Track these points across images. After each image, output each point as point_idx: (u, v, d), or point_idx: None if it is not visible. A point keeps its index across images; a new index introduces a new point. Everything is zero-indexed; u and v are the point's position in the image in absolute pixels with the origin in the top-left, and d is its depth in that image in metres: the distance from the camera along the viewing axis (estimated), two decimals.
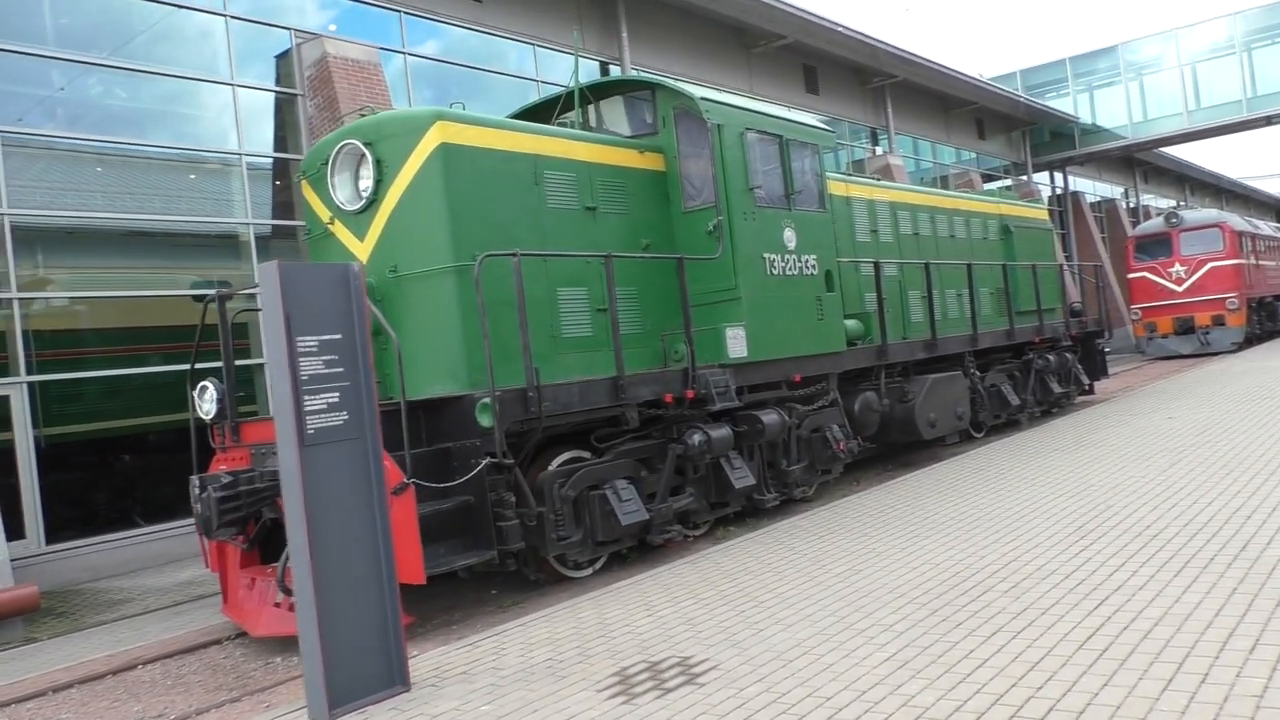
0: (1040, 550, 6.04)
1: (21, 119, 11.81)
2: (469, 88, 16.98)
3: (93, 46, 12.24)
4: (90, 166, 12.55)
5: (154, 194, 13.03)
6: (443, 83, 16.76)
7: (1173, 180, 49.69)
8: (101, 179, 12.77)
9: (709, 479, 8.73)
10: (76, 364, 12.12)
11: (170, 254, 13.50)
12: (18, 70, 11.63)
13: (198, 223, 13.22)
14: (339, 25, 14.97)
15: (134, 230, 12.86)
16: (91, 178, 12.68)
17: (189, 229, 13.22)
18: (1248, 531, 5.85)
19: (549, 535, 7.24)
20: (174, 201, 13.05)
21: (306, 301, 4.63)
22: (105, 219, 12.36)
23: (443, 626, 6.93)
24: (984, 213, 15.09)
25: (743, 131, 9.07)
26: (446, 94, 16.58)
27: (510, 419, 6.81)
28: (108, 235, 12.65)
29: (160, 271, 13.33)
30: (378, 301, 7.52)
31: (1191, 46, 32.70)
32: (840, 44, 24.05)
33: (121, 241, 13.05)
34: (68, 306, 12.34)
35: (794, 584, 5.95)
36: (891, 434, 11.66)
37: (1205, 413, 12.05)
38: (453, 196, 7.30)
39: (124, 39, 12.66)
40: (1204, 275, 26.27)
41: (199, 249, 13.80)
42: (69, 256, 12.56)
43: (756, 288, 9.00)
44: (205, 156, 13.36)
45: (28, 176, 11.68)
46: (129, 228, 12.77)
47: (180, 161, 13.33)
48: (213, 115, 13.54)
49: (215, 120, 13.52)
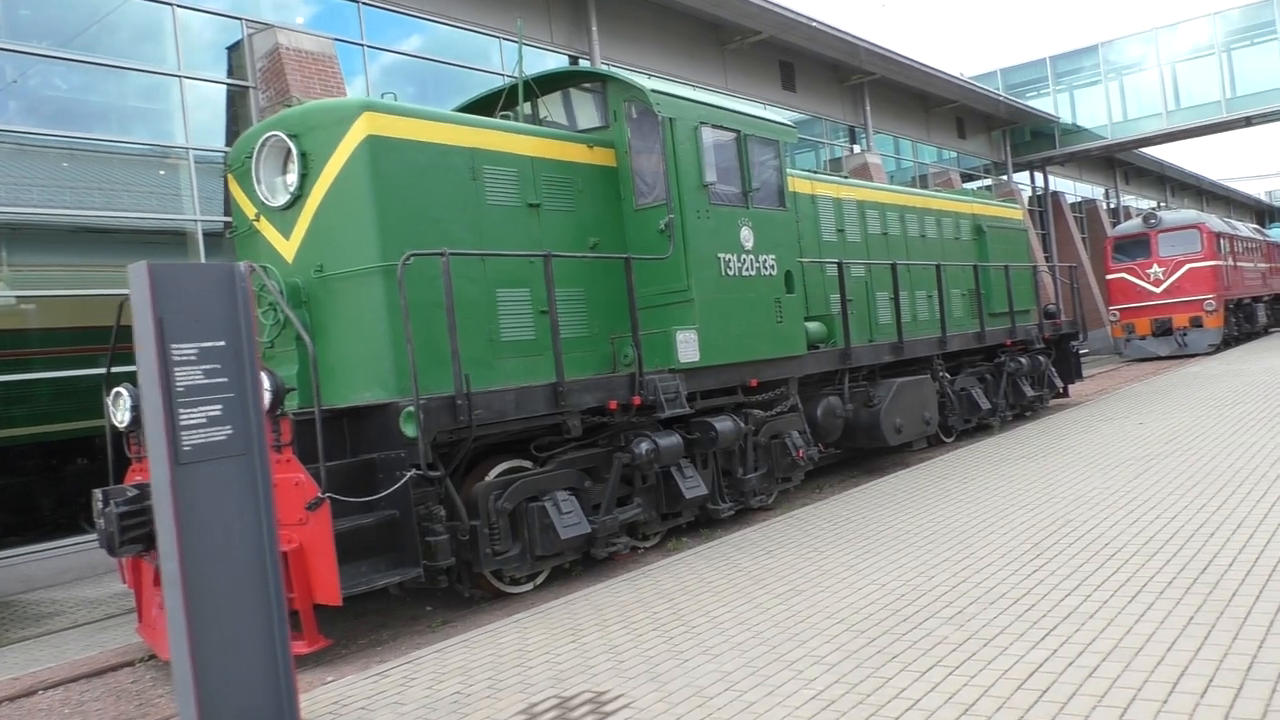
0: (992, 570, 5.69)
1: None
2: (439, 83, 16.59)
3: (35, 37, 11.76)
4: (34, 160, 12.08)
5: (100, 189, 12.57)
6: (412, 78, 16.35)
7: (1154, 181, 49.65)
8: (45, 173, 12.30)
9: (659, 489, 8.36)
10: (21, 365, 11.66)
11: (118, 251, 13.03)
12: None
13: (144, 219, 12.74)
14: (302, 18, 14.55)
15: (81, 227, 12.39)
16: (34, 172, 12.21)
17: (138, 225, 12.75)
18: (1209, 551, 5.52)
19: (483, 550, 6.86)
20: (120, 197, 12.59)
21: (184, 305, 4.22)
22: (49, 215, 11.88)
23: (369, 648, 6.55)
24: (956, 212, 14.77)
25: (697, 126, 8.70)
26: (417, 89, 16.18)
27: (437, 428, 6.42)
28: (53, 232, 12.18)
29: (108, 269, 12.86)
30: (303, 303, 7.15)
31: (1172, 47, 32.54)
32: (818, 40, 23.72)
33: (68, 239, 12.59)
34: (12, 305, 11.87)
35: (731, 606, 5.59)
36: (857, 440, 11.33)
37: (1177, 418, 11.77)
38: (381, 192, 6.90)
39: (72, 31, 12.19)
40: (1182, 276, 26.08)
41: (147, 245, 13.34)
42: (12, 253, 12.09)
43: (710, 289, 8.64)
44: (152, 151, 12.90)
45: None
46: (75, 224, 12.30)
47: (129, 156, 12.87)
48: (160, 108, 13.09)
49: (162, 113, 13.07)
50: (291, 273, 7.18)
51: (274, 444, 6.18)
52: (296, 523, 6.01)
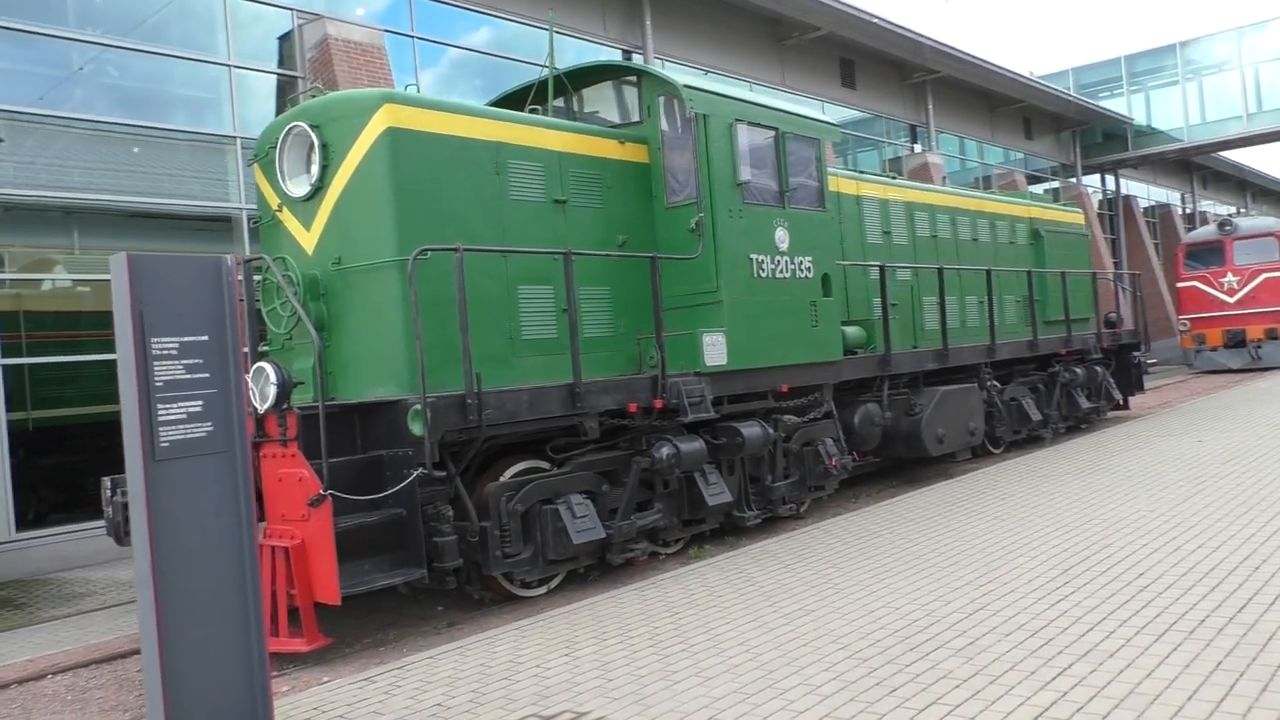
0: (1014, 597, 5.38)
1: (42, 97, 11.59)
2: (501, 78, 16.53)
3: (93, 25, 11.94)
4: (88, 145, 12.26)
5: (150, 174, 12.71)
6: (478, 73, 16.33)
7: (1234, 186, 47.84)
8: (98, 158, 12.48)
9: (681, 494, 8.14)
10: (73, 347, 11.87)
11: (167, 236, 13.20)
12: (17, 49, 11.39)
13: (191, 206, 12.87)
14: (363, 9, 14.61)
15: (134, 212, 12.54)
16: (87, 156, 12.40)
17: (189, 211, 12.88)
18: (1251, 587, 5.14)
19: (493, 552, 6.72)
20: (167, 183, 12.72)
21: (166, 298, 4.13)
22: (96, 200, 12.05)
23: (372, 647, 6.45)
24: (1012, 215, 14.27)
25: (732, 123, 8.45)
26: (485, 83, 16.14)
27: (445, 427, 6.29)
28: (103, 215, 12.35)
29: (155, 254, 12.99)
30: (321, 295, 7.08)
31: (1256, 47, 31.23)
32: (879, 37, 23.19)
33: (117, 223, 12.75)
34: (53, 288, 12.08)
35: (735, 624, 5.37)
36: (896, 449, 10.97)
37: (1239, 437, 11.19)
38: (400, 185, 6.79)
39: (132, 21, 12.36)
40: (1258, 286, 25.01)
41: (196, 232, 13.48)
42: (60, 236, 12.32)
43: (740, 290, 8.39)
44: (201, 138, 13.03)
45: (21, 154, 11.42)
46: (128, 209, 12.46)
47: (179, 141, 13.01)
48: (210, 96, 13.22)
49: (213, 101, 13.20)
50: (311, 265, 7.11)
51: (280, 438, 6.13)
52: (299, 519, 5.94)
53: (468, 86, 16.26)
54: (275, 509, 6.13)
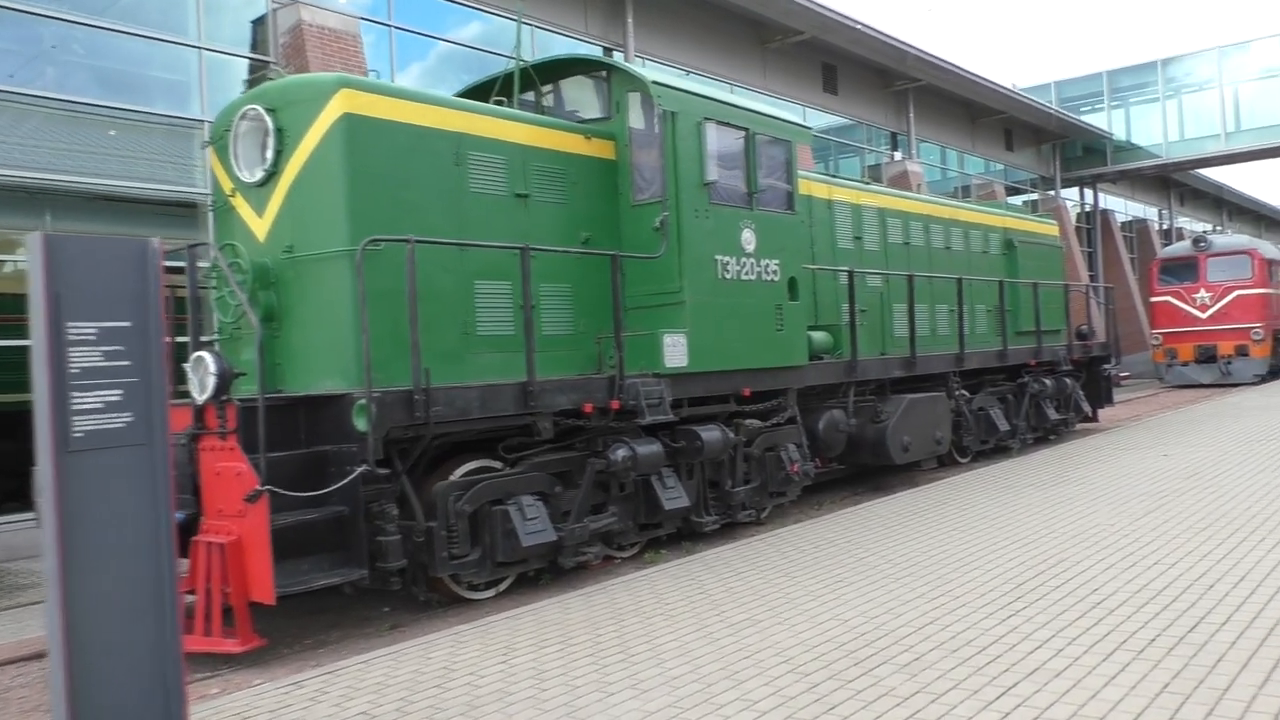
0: (965, 612, 5.27)
1: (13, 75, 11.29)
2: (474, 71, 16.34)
3: (63, 2, 11.64)
4: (57, 125, 11.97)
5: (112, 157, 12.44)
6: (466, 67, 16.12)
7: (1211, 204, 48.21)
8: (61, 137, 12.20)
9: (638, 498, 8.00)
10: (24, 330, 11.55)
11: (136, 219, 12.91)
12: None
13: (156, 190, 12.59)
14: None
15: (99, 194, 12.25)
16: (54, 136, 12.11)
17: (150, 195, 12.61)
18: (1203, 607, 5.05)
19: (439, 553, 6.54)
20: (128, 165, 12.44)
21: (85, 281, 3.94)
22: (58, 181, 11.75)
23: (312, 648, 6.27)
24: (986, 225, 14.22)
25: (701, 121, 8.32)
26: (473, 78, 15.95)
27: (390, 424, 6.12)
28: (75, 198, 12.05)
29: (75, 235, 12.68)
30: (271, 284, 6.88)
31: (1235, 67, 31.44)
32: (861, 43, 23.13)
33: (90, 205, 12.45)
34: (15, 270, 11.78)
35: (680, 633, 5.23)
36: (861, 456, 10.88)
37: (1204, 452, 11.17)
38: (355, 173, 6.60)
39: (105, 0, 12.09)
40: (1230, 303, 25.16)
41: (162, 216, 13.19)
42: (26, 218, 12.01)
43: (704, 292, 8.25)
44: (166, 121, 12.76)
45: None
46: (92, 191, 12.16)
47: (144, 124, 12.74)
48: (179, 78, 12.96)
49: (182, 84, 12.94)
50: (262, 252, 6.91)
51: (219, 430, 5.94)
52: (236, 514, 5.76)
53: (455, 81, 16.00)
54: (213, 504, 5.94)
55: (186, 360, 6.12)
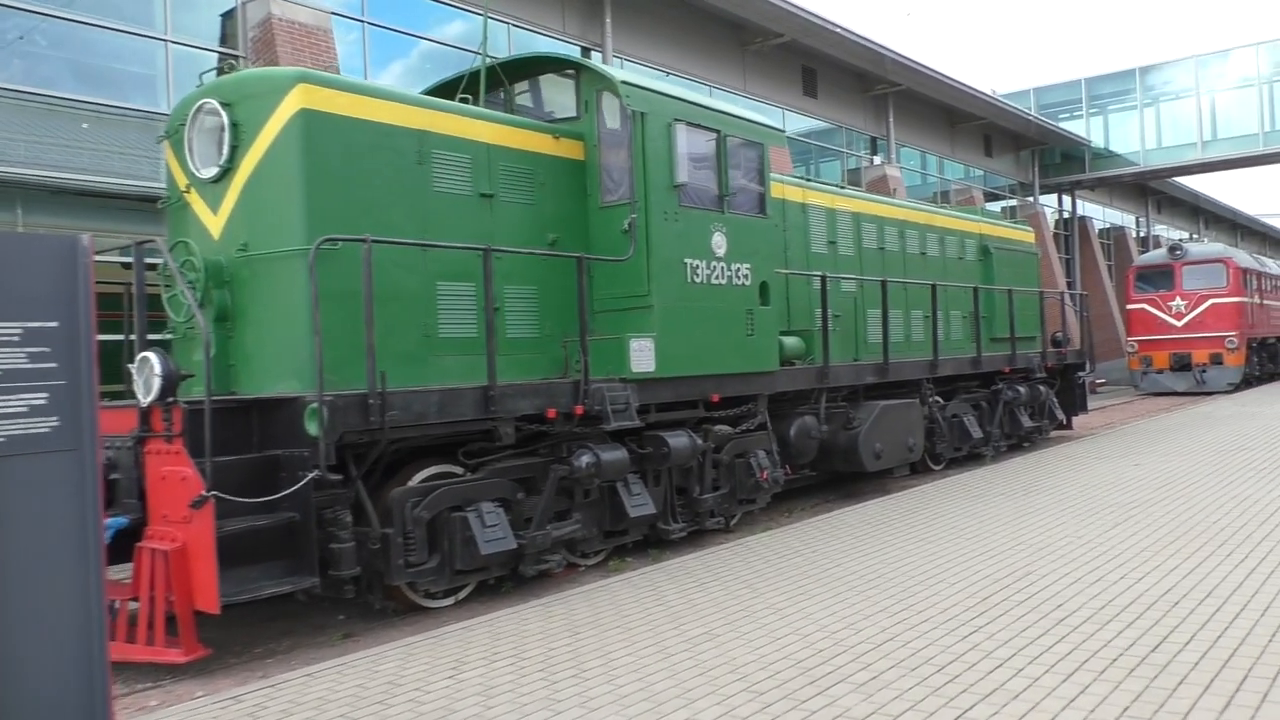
0: (927, 628, 5.16)
1: None
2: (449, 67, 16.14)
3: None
4: (12, 115, 11.71)
5: (72, 149, 12.18)
6: (421, 59, 15.93)
7: (1188, 212, 48.57)
8: (18, 128, 11.93)
9: (603, 504, 7.86)
10: None
11: (100, 214, 12.64)
12: None
13: (118, 184, 12.35)
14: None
15: (62, 188, 12.00)
16: (10, 127, 11.85)
17: (116, 189, 12.35)
18: (1167, 624, 4.96)
19: (394, 561, 6.38)
20: (89, 158, 12.19)
21: (9, 280, 3.75)
22: (17, 174, 11.50)
23: (262, 658, 6.10)
24: (961, 231, 14.16)
25: (671, 123, 8.19)
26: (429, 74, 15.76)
27: (344, 428, 5.95)
28: (42, 192, 11.78)
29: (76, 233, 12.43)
30: (226, 283, 6.70)
31: (1213, 76, 31.64)
32: (842, 47, 23.12)
33: (58, 200, 12.17)
34: None
35: (635, 648, 5.09)
36: (833, 463, 10.78)
37: (1176, 462, 11.13)
38: (312, 170, 6.43)
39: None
40: (1204, 311, 25.26)
41: (126, 211, 12.94)
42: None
43: (673, 296, 8.12)
44: (132, 114, 12.53)
45: None
46: (52, 185, 11.91)
47: (108, 118, 12.50)
48: (146, 72, 12.73)
49: (148, 77, 12.71)
50: (217, 250, 6.73)
51: (164, 434, 5.76)
52: (181, 520, 5.58)
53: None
54: (158, 509, 5.76)
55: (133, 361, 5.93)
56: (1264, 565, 6.04)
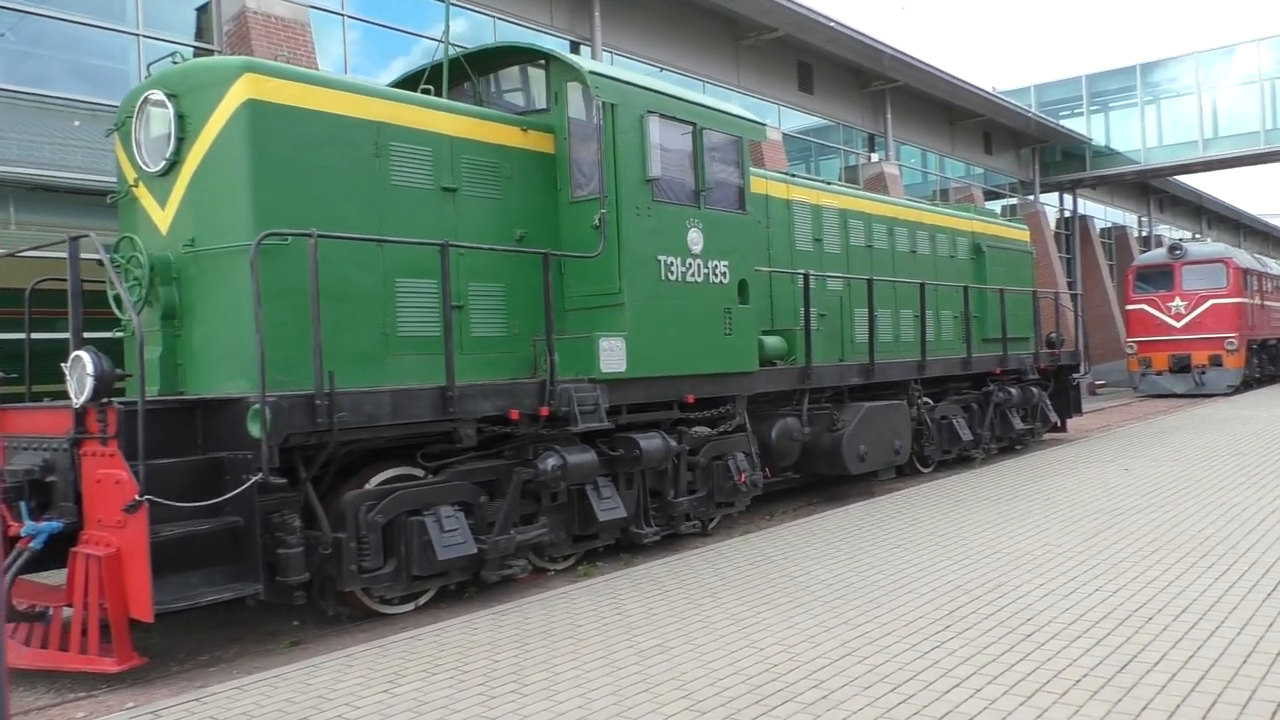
0: (888, 641, 4.93)
1: None
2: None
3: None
4: None
5: (40, 144, 11.94)
6: (418, 56, 15.67)
7: (1190, 211, 48.18)
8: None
9: (572, 508, 7.64)
10: None
11: (75, 211, 12.41)
12: None
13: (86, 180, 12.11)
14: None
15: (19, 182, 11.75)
16: None
17: (81, 185, 12.13)
18: (1138, 642, 4.72)
19: (347, 566, 6.17)
20: (54, 152, 11.96)
21: None
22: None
23: (206, 665, 5.89)
24: (953, 229, 13.91)
25: (643, 114, 7.95)
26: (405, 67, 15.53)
27: (289, 430, 5.73)
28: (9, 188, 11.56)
29: (48, 229, 12.24)
30: (173, 280, 6.49)
31: (1215, 73, 31.30)
32: (837, 41, 22.81)
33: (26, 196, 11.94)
34: None
35: (584, 660, 4.87)
36: (816, 465, 10.53)
37: (1166, 467, 10.89)
38: (260, 163, 6.20)
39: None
40: (1204, 312, 24.97)
41: (90, 206, 12.70)
42: None
43: (645, 294, 7.89)
44: (102, 109, 12.29)
45: None
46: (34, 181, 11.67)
47: (81, 111, 12.27)
48: (118, 66, 12.51)
49: (120, 72, 12.48)
50: (164, 246, 6.52)
51: (99, 435, 5.54)
52: (115, 525, 5.37)
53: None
54: (93, 513, 5.56)
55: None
56: (1245, 579, 5.80)
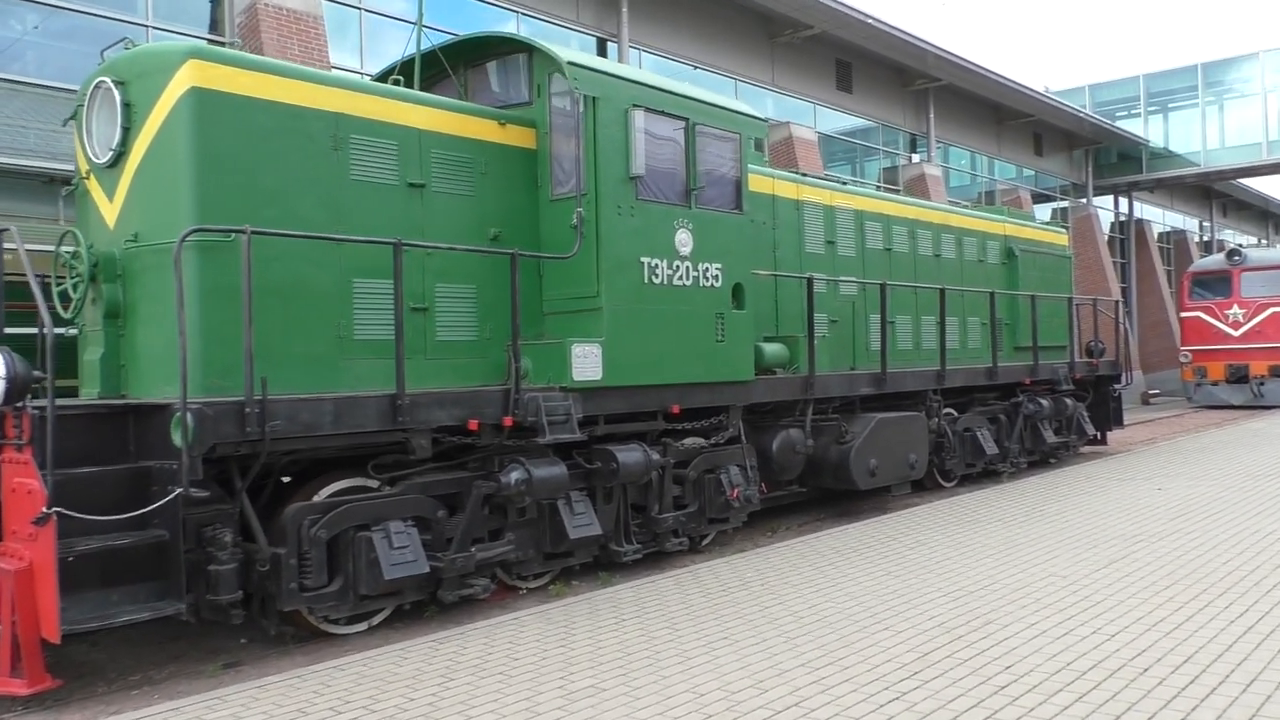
0: (842, 691, 4.41)
1: None
2: None
3: None
4: None
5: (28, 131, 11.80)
6: None
7: (1256, 215, 46.37)
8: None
9: (543, 524, 7.21)
10: None
11: None
12: None
13: None
14: None
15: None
16: None
17: None
18: (1127, 699, 4.15)
19: (286, 584, 5.80)
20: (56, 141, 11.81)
21: None
22: None
23: (138, 685, 5.57)
24: (983, 232, 13.23)
25: (628, 108, 7.50)
26: None
27: (216, 439, 5.38)
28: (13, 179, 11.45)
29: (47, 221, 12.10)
30: (118, 277, 6.18)
31: (1277, 71, 29.92)
32: (878, 39, 22.12)
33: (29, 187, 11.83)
34: None
35: (504, 704, 4.43)
36: (823, 479, 9.98)
37: (1203, 487, 10.14)
38: (204, 155, 5.86)
39: None
40: (1264, 320, 23.82)
41: None
42: None
43: (626, 297, 7.43)
44: None
45: None
46: None
47: None
48: None
49: None
50: (112, 240, 6.22)
51: (15, 441, 5.24)
52: (28, 538, 5.06)
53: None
54: (10, 524, 5.26)
55: None
56: (1263, 623, 5.18)
